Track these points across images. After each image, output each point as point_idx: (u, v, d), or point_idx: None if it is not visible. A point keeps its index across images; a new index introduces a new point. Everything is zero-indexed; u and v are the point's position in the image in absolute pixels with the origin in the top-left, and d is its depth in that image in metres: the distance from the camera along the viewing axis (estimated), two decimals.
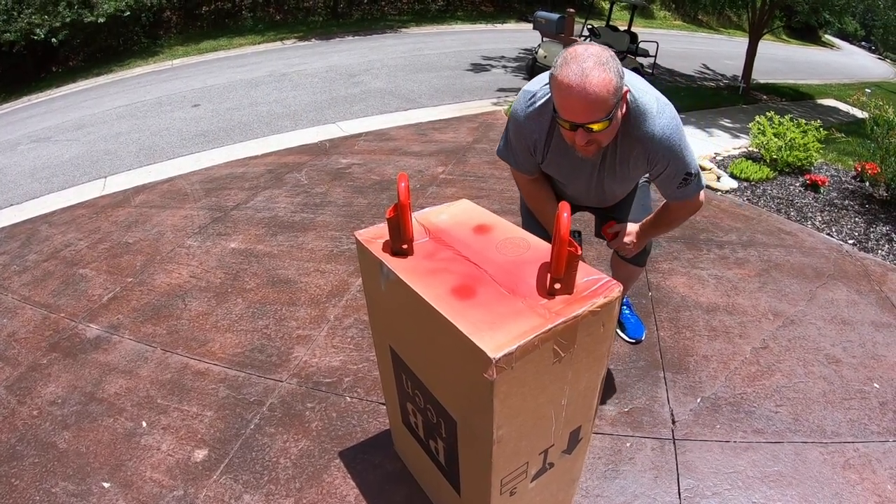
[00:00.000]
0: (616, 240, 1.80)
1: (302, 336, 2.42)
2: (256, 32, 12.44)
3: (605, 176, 1.59)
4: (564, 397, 1.13)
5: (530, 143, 1.55)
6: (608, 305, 1.06)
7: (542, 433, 1.15)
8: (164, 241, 3.28)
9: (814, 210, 3.57)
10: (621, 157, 1.50)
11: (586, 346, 1.07)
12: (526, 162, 1.64)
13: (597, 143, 1.34)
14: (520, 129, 1.54)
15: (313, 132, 5.67)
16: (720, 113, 6.90)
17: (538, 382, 1.02)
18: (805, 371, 2.20)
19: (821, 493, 1.72)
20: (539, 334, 0.94)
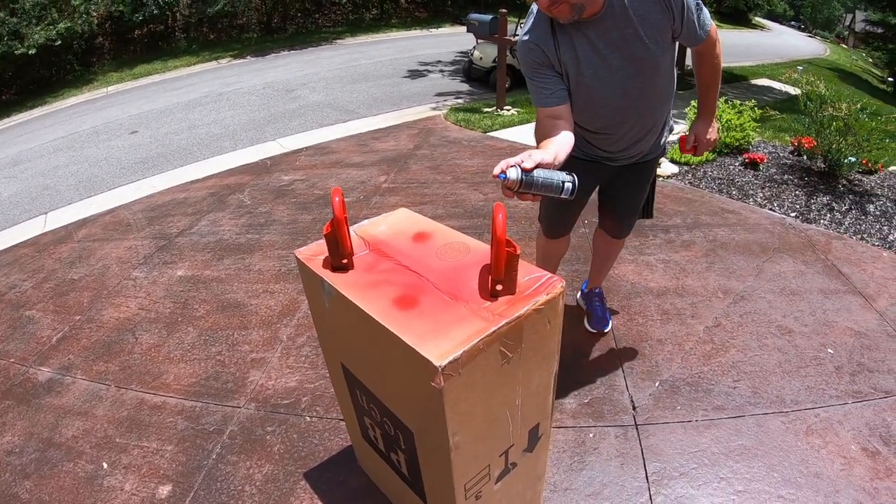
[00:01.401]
0: (700, 145, 1.88)
1: (256, 359, 2.37)
2: (191, 53, 12.22)
3: (631, 43, 1.50)
4: (518, 397, 1.12)
5: (542, 57, 1.53)
6: (552, 302, 1.06)
7: (499, 435, 1.15)
8: (110, 275, 3.17)
9: (755, 187, 3.70)
10: (635, 12, 1.45)
11: (534, 344, 1.07)
12: (549, 83, 1.55)
13: (564, 2, 1.36)
14: (527, 54, 1.55)
15: (253, 151, 5.60)
16: None
17: (488, 385, 1.01)
18: (759, 344, 2.27)
19: (787, 460, 1.77)
20: (483, 337, 0.93)
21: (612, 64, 1.54)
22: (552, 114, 1.55)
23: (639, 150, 1.82)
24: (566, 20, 1.43)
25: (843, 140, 3.54)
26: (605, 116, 1.67)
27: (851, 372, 2.12)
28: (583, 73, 1.55)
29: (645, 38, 1.50)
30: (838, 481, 1.69)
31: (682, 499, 1.66)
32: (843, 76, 14.40)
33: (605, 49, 1.51)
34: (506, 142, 5.25)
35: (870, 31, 18.48)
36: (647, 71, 1.57)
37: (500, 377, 1.04)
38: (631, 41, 1.50)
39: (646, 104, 1.67)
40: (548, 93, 1.55)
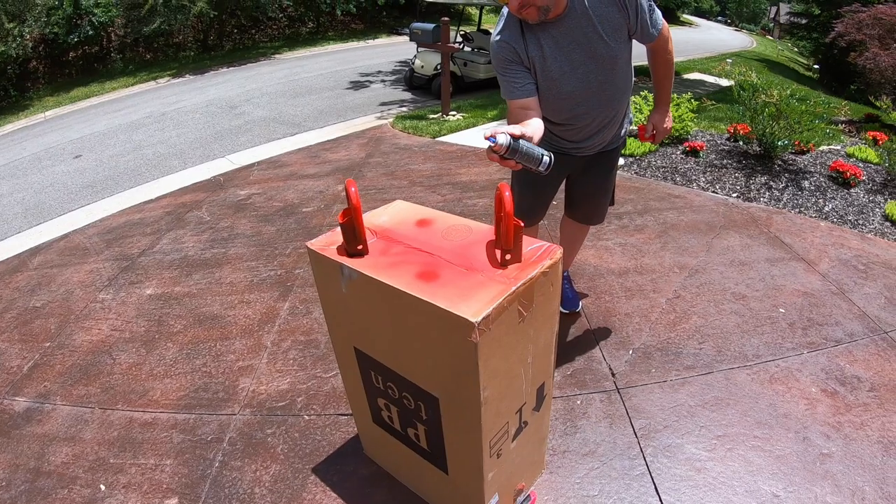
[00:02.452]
0: (658, 133, 2.05)
1: (243, 367, 2.38)
2: (128, 74, 11.86)
3: (592, 40, 1.67)
4: (529, 355, 1.24)
5: (512, 54, 1.68)
6: (554, 266, 1.19)
7: (516, 392, 1.26)
8: (75, 300, 3.08)
9: (697, 173, 3.99)
10: (594, 12, 1.62)
11: (541, 304, 1.19)
12: (519, 78, 1.70)
13: (532, 6, 1.53)
14: (499, 51, 1.70)
15: (204, 168, 5.53)
16: None
17: (509, 342, 1.12)
18: (717, 310, 2.48)
19: (756, 406, 1.97)
20: (506, 297, 1.05)
21: (574, 60, 1.69)
22: (523, 105, 1.70)
23: (601, 138, 1.96)
24: (534, 21, 1.60)
25: (776, 124, 3.88)
26: (569, 108, 1.81)
27: (803, 327, 2.36)
28: (549, 69, 1.70)
29: (604, 35, 1.66)
30: (805, 419, 1.90)
31: (670, 448, 1.82)
32: (771, 66, 15.41)
33: (569, 46, 1.67)
34: (455, 145, 5.41)
35: (794, 21, 19.84)
36: (606, 65, 1.73)
37: (517, 335, 1.15)
38: (592, 39, 1.66)
39: (607, 96, 1.81)
40: (518, 86, 1.70)
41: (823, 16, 15.86)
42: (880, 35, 5.90)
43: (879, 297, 2.55)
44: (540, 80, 1.73)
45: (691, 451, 1.81)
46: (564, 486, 1.72)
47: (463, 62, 8.86)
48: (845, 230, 3.19)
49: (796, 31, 19.72)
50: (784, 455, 1.78)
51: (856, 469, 1.72)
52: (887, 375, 2.10)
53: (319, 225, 3.70)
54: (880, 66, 5.66)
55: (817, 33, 16.75)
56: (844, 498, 1.63)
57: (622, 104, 1.91)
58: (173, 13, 12.13)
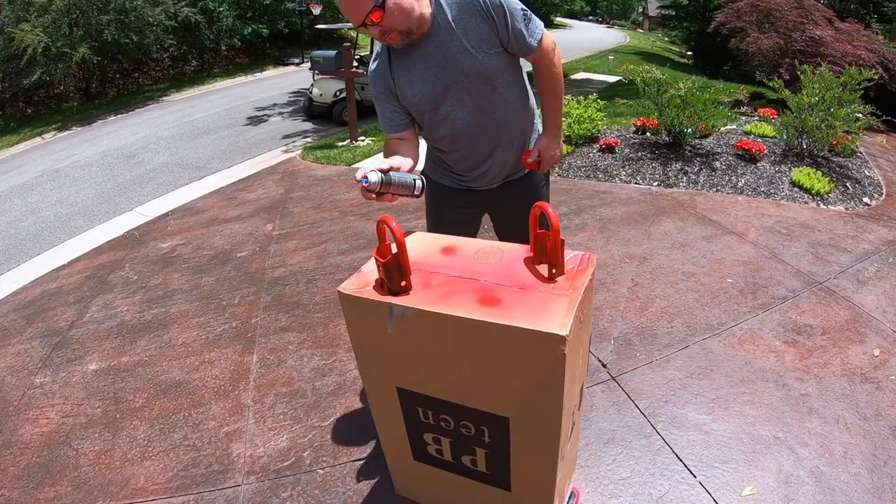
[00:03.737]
0: (543, 161, 1.81)
1: (231, 432, 2.23)
2: (10, 132, 10.74)
3: (458, 55, 1.55)
4: (580, 358, 1.30)
5: (383, 86, 1.64)
6: (594, 272, 1.26)
7: (575, 394, 1.31)
8: (8, 388, 2.71)
9: (616, 168, 4.30)
10: (457, 25, 1.52)
11: (586, 308, 1.26)
12: (389, 110, 1.67)
13: (393, 31, 1.46)
14: (373, 83, 1.67)
15: (114, 224, 5.14)
16: None
17: (576, 349, 1.18)
18: (675, 290, 2.70)
19: (735, 366, 2.19)
20: (576, 308, 1.10)
21: (445, 79, 1.58)
22: (398, 137, 1.70)
23: (497, 166, 1.77)
24: (398, 46, 1.54)
25: (683, 114, 4.27)
26: (449, 133, 1.69)
27: (752, 291, 2.64)
28: (421, 93, 1.61)
29: (470, 47, 1.54)
30: (778, 369, 2.16)
31: (677, 419, 1.98)
32: (647, 57, 16.76)
33: (437, 66, 1.57)
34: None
35: (665, 14, 21.68)
36: (478, 81, 1.59)
37: (578, 342, 1.20)
38: (457, 54, 1.55)
39: (488, 116, 1.66)
40: (389, 120, 1.69)
41: (692, 5, 17.62)
42: (758, 20, 6.63)
43: (806, 255, 2.90)
44: (413, 107, 1.65)
45: (695, 418, 1.97)
46: (598, 475, 1.80)
47: (360, 86, 8.90)
48: (761, 201, 3.59)
49: (668, 21, 21.59)
50: (772, 403, 2.01)
51: (832, 401, 1.99)
52: (832, 319, 2.42)
53: (261, 269, 3.55)
54: (762, 48, 6.35)
55: (688, 22, 18.53)
56: (831, 426, 1.89)
57: (515, 125, 1.73)
58: (53, 62, 11.11)
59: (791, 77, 5.23)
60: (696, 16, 17.55)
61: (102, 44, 11.69)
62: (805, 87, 4.14)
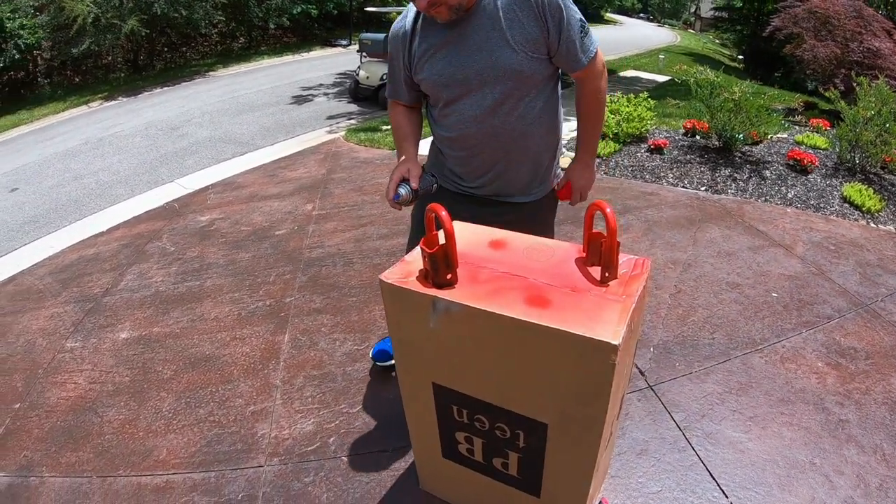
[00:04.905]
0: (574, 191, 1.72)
1: (257, 412, 2.21)
2: (58, 99, 11.08)
3: (497, 47, 1.41)
4: (627, 367, 1.23)
5: (396, 48, 1.54)
6: (649, 278, 1.19)
7: (617, 405, 1.25)
8: (40, 351, 2.77)
9: (664, 170, 4.17)
10: (506, 14, 1.39)
11: (638, 316, 1.19)
12: (403, 79, 1.58)
13: (443, 3, 1.33)
14: (390, 42, 1.58)
15: (154, 195, 5.21)
16: None
17: (624, 358, 1.11)
18: (718, 300, 2.59)
19: (775, 385, 2.09)
20: (628, 315, 1.03)
21: (472, 67, 1.44)
22: (404, 105, 1.67)
23: (503, 184, 1.62)
24: (445, 20, 1.40)
25: (735, 119, 4.11)
26: (455, 128, 1.55)
27: (797, 308, 2.51)
28: (440, 74, 1.47)
29: (511, 41, 1.40)
30: (819, 392, 2.05)
31: (712, 435, 1.89)
32: (698, 59, 16.36)
33: (469, 50, 1.43)
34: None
35: (718, 15, 21.19)
36: (510, 81, 1.44)
37: (627, 351, 1.14)
38: (496, 45, 1.41)
39: (506, 123, 1.50)
40: (399, 86, 1.62)
41: (746, 9, 17.13)
42: (815, 27, 6.38)
43: (854, 274, 2.76)
44: (426, 84, 1.53)
45: (731, 435, 1.88)
46: (629, 487, 1.73)
47: None
48: (810, 214, 3.43)
49: (720, 24, 21.10)
50: (810, 426, 1.90)
51: (872, 429, 1.88)
52: (877, 343, 2.29)
53: (299, 248, 3.54)
54: (817, 56, 6.12)
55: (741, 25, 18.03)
56: (869, 456, 1.78)
57: (534, 142, 1.57)
58: (102, 33, 11.40)
59: (846, 88, 5.02)
60: (749, 19, 17.07)
61: (152, 17, 11.91)
62: (861, 99, 3.95)
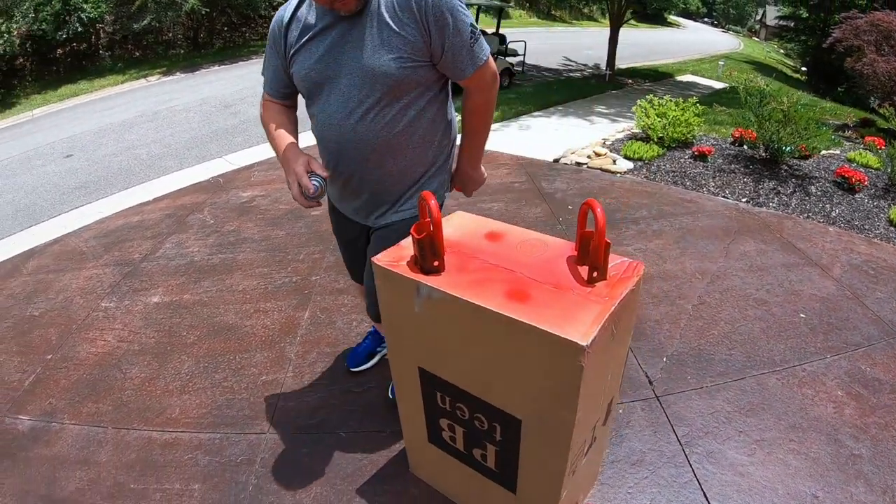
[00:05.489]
0: (466, 183, 1.67)
1: (268, 382, 2.29)
2: (117, 72, 11.60)
3: (373, 49, 1.28)
4: (610, 372, 1.21)
5: (279, 33, 1.40)
6: (639, 283, 1.17)
7: (596, 408, 1.23)
8: (76, 308, 2.94)
9: (706, 177, 4.03)
10: (390, 14, 1.26)
11: (625, 321, 1.17)
12: (276, 70, 1.47)
13: None
14: (273, 27, 1.44)
15: (202, 169, 5.38)
16: (593, 101, 7.49)
17: (601, 361, 1.10)
18: (742, 316, 2.50)
19: (789, 410, 1.99)
20: (607, 318, 1.01)
21: (343, 65, 1.32)
22: (282, 103, 1.55)
23: (367, 201, 1.53)
24: (349, 11, 1.26)
25: (784, 130, 3.94)
26: (321, 129, 1.46)
27: (824, 331, 2.39)
28: (311, 68, 1.36)
29: (388, 45, 1.27)
30: (834, 422, 1.94)
31: (713, 454, 1.83)
32: (760, 68, 15.78)
33: (342, 47, 1.31)
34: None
35: (783, 24, 20.31)
36: (380, 86, 1.30)
37: (607, 354, 1.12)
38: (371, 45, 1.28)
39: (370, 130, 1.36)
40: (268, 77, 1.51)
41: (812, 19, 16.33)
42: (877, 41, 6.02)
43: (891, 301, 2.60)
44: (297, 77, 1.41)
45: (733, 457, 1.82)
46: (617, 497, 1.70)
47: None
48: (853, 235, 3.25)
49: (784, 33, 20.21)
50: (818, 457, 1.81)
51: (885, 469, 1.77)
52: None
53: (331, 230, 3.60)
54: (878, 71, 5.78)
55: (805, 36, 17.20)
56: (877, 497, 1.68)
57: (399, 149, 1.42)
58: (164, 10, 11.89)
59: None
60: (814, 30, 16.22)
61: None
62: None
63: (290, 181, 1.37)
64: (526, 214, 3.66)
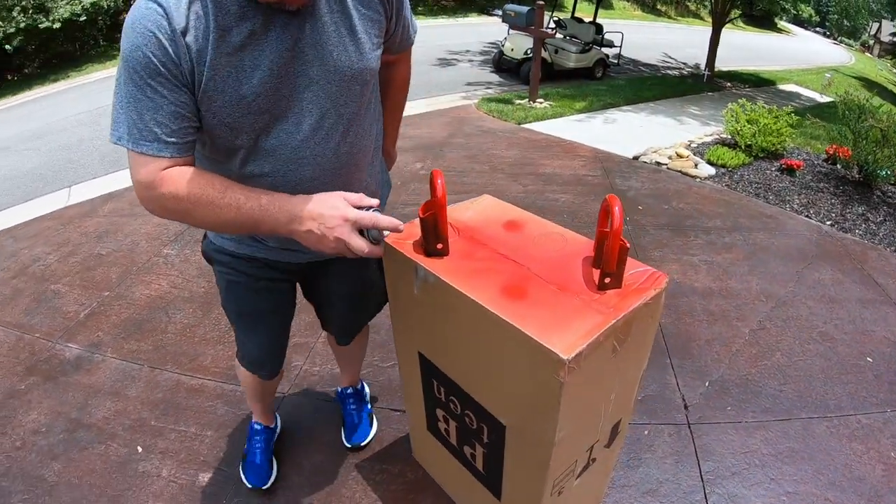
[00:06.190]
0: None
1: (299, 344, 2.32)
2: None
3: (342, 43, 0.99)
4: (613, 392, 1.10)
5: (168, 50, 0.85)
6: (658, 297, 1.04)
7: (591, 429, 1.13)
8: (140, 251, 3.12)
9: (791, 193, 3.69)
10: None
11: (636, 338, 1.05)
12: (175, 112, 0.89)
13: None
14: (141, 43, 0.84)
15: None
16: (687, 101, 7.09)
17: (596, 379, 0.99)
18: (802, 349, 2.26)
19: (832, 464, 1.77)
20: (604, 331, 0.91)
21: (303, 79, 0.97)
22: (180, 162, 0.94)
23: None
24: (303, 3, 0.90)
25: (881, 151, 3.53)
26: (292, 175, 1.05)
27: (890, 381, 2.12)
28: (257, 97, 0.93)
29: (362, 37, 1.02)
30: (880, 486, 1.71)
31: (736, 498, 1.66)
32: (869, 86, 14.46)
33: (301, 52, 0.95)
34: (541, 134, 5.22)
35: None
36: (355, 87, 1.04)
37: (606, 371, 1.01)
38: (340, 40, 0.99)
39: (357, 150, 1.12)
40: (159, 125, 0.89)
41: None
42: None
43: None
44: (234, 108, 0.93)
45: None
46: None
47: (554, 49, 8.65)
48: None
49: None
50: None
51: None
52: None
53: (394, 202, 3.61)
54: None
55: None
56: None
57: (376, 156, 1.24)
58: None
59: None
60: None
61: None
62: None
63: (341, 233, 0.92)
64: (591, 209, 3.50)
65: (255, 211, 0.92)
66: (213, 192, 0.92)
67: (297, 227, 0.92)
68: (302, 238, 0.94)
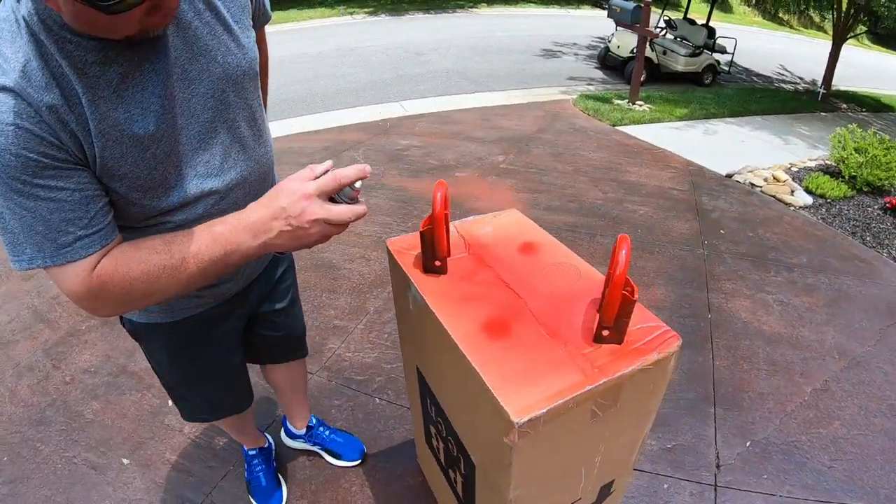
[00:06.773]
0: None
1: (339, 327, 2.36)
2: (327, 6, 12.49)
3: (219, 39, 0.85)
4: (598, 455, 1.01)
5: (38, 143, 0.68)
6: (662, 362, 0.92)
7: (568, 489, 1.04)
8: None
9: (892, 237, 3.26)
10: None
11: (631, 404, 0.95)
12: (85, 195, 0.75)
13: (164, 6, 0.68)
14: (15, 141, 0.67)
15: (375, 110, 5.65)
16: (797, 119, 6.49)
17: (568, 443, 0.91)
18: (866, 422, 2.00)
19: None
20: (576, 396, 0.82)
21: (200, 91, 0.85)
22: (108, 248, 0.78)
23: None
24: (167, 24, 0.74)
25: None
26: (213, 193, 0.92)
27: None
28: (155, 134, 0.79)
29: (235, 27, 0.88)
30: None
31: None
32: None
33: (188, 68, 0.82)
34: (633, 139, 4.98)
35: None
36: (249, 84, 0.94)
37: (584, 435, 0.93)
38: (221, 40, 0.86)
39: (262, 140, 1.02)
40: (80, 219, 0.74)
41: None
42: None
43: None
44: (137, 173, 0.80)
45: None
46: None
47: (662, 50, 8.20)
48: None
49: None
50: None
51: None
52: None
53: (464, 194, 3.58)
54: None
55: None
56: None
57: (272, 161, 1.10)
58: None
59: None
60: None
61: None
62: None
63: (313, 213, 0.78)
64: (669, 227, 3.29)
65: (216, 247, 0.78)
66: (160, 257, 0.77)
67: (267, 236, 0.78)
68: (279, 246, 0.80)
